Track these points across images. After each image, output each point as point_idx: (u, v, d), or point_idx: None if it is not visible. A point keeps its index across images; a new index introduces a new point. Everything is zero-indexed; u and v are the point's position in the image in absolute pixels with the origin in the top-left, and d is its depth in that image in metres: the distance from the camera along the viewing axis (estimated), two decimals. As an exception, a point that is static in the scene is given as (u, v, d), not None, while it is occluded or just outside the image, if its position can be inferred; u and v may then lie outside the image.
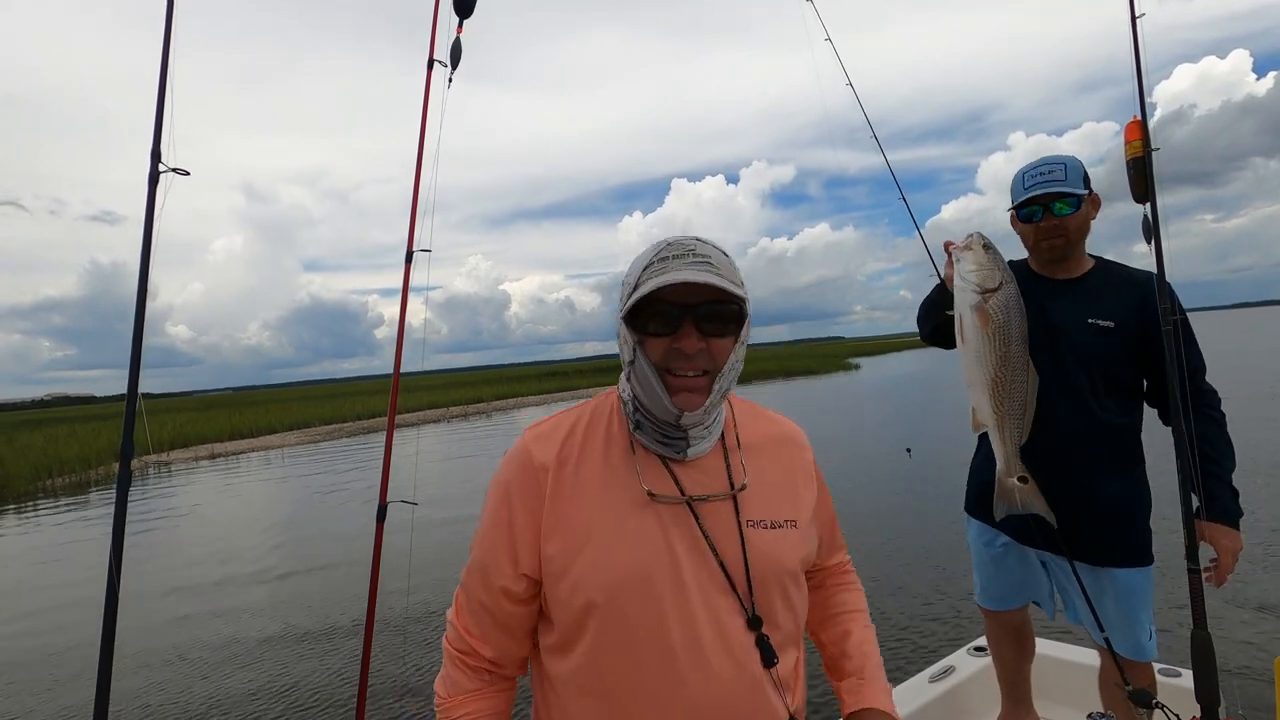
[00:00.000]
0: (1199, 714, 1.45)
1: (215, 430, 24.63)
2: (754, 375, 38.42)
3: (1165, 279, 1.69)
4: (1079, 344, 1.83)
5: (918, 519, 7.38)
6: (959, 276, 1.69)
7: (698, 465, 0.96)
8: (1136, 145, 1.72)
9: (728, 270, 0.90)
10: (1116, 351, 1.81)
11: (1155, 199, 1.70)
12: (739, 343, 0.93)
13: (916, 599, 5.14)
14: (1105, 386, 1.83)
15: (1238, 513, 1.71)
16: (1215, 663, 1.45)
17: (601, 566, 0.90)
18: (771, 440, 1.04)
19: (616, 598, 0.89)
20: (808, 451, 1.07)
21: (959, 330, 1.71)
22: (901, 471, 9.81)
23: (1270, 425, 11.52)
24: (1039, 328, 1.86)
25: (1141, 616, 1.85)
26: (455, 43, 2.01)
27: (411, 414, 29.02)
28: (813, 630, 1.14)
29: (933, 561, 5.96)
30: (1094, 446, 1.84)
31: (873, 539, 6.68)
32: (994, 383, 1.67)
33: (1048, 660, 2.35)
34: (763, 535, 0.95)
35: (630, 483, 0.94)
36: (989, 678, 2.32)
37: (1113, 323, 1.81)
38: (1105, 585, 1.86)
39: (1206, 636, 1.46)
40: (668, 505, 0.93)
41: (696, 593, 0.90)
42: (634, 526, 0.92)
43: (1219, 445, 1.78)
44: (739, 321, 0.92)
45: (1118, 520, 1.85)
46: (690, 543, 0.92)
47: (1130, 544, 1.85)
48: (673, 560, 0.90)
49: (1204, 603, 1.50)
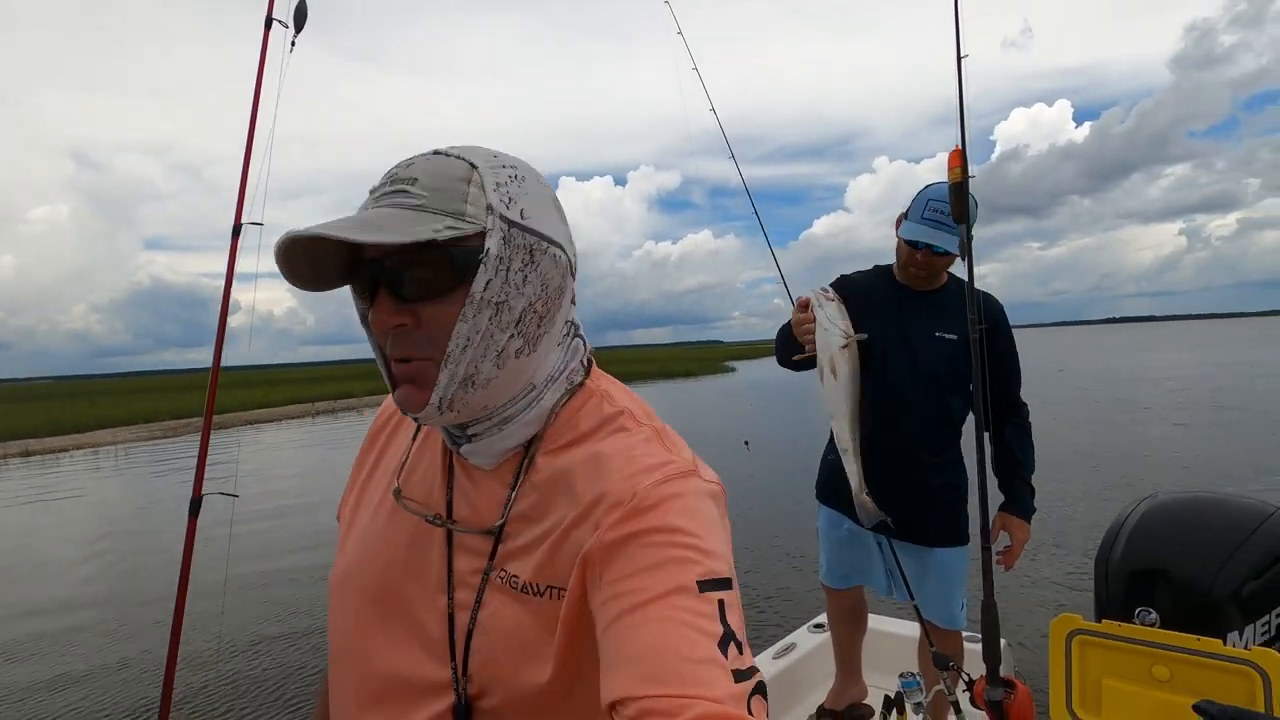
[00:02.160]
0: (984, 673, 1.66)
1: (29, 424, 21.67)
2: (636, 376, 39.03)
3: (975, 288, 1.92)
4: (926, 352, 2.06)
5: (769, 508, 7.86)
6: (826, 322, 1.85)
7: (493, 475, 0.69)
8: (957, 172, 1.92)
9: (442, 199, 0.60)
10: (957, 362, 2.02)
11: (970, 221, 1.92)
12: (479, 305, 0.61)
13: (768, 581, 5.54)
14: (944, 391, 2.06)
15: (1032, 510, 2.03)
16: (998, 629, 1.66)
17: (346, 550, 0.75)
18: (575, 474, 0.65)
19: (337, 596, 0.73)
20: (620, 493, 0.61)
21: (828, 368, 1.86)
22: (757, 462, 10.36)
23: (1060, 424, 13.21)
24: (895, 335, 2.09)
25: (956, 591, 2.13)
26: (300, 2, 1.90)
27: (274, 409, 26.99)
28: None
29: (782, 547, 6.38)
30: (933, 442, 2.09)
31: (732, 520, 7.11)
32: (854, 414, 1.86)
33: (878, 634, 2.58)
34: (507, 607, 0.64)
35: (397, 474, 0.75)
36: (827, 652, 2.53)
37: (956, 336, 2.04)
38: (929, 563, 2.12)
39: (993, 606, 1.67)
40: (422, 520, 0.70)
41: (410, 632, 0.67)
42: (375, 524, 0.74)
43: (1025, 451, 2.09)
44: (460, 273, 0.61)
45: (945, 506, 2.12)
46: (433, 575, 0.68)
47: (953, 527, 2.13)
48: (395, 584, 0.69)
49: (993, 577, 1.71)
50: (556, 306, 0.68)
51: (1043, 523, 6.82)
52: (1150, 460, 9.79)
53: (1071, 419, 14.21)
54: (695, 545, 0.57)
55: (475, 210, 0.61)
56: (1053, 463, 9.73)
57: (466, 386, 0.63)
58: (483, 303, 0.61)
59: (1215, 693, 1.53)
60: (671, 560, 0.56)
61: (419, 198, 0.60)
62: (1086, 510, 7.20)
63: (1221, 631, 1.66)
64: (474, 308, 0.61)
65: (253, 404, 27.86)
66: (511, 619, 0.63)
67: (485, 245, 0.61)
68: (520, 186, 0.65)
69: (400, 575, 0.69)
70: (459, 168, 0.62)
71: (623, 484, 0.61)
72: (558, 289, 0.67)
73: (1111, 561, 1.82)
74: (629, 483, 0.61)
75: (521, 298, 0.64)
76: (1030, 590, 5.14)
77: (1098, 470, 9.25)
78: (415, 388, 0.63)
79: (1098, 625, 1.73)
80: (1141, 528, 1.85)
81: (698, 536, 0.58)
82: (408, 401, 0.64)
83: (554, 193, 0.70)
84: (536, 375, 0.68)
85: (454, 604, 0.66)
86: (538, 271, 0.64)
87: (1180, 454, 10.16)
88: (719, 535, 0.60)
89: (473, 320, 0.61)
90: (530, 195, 0.65)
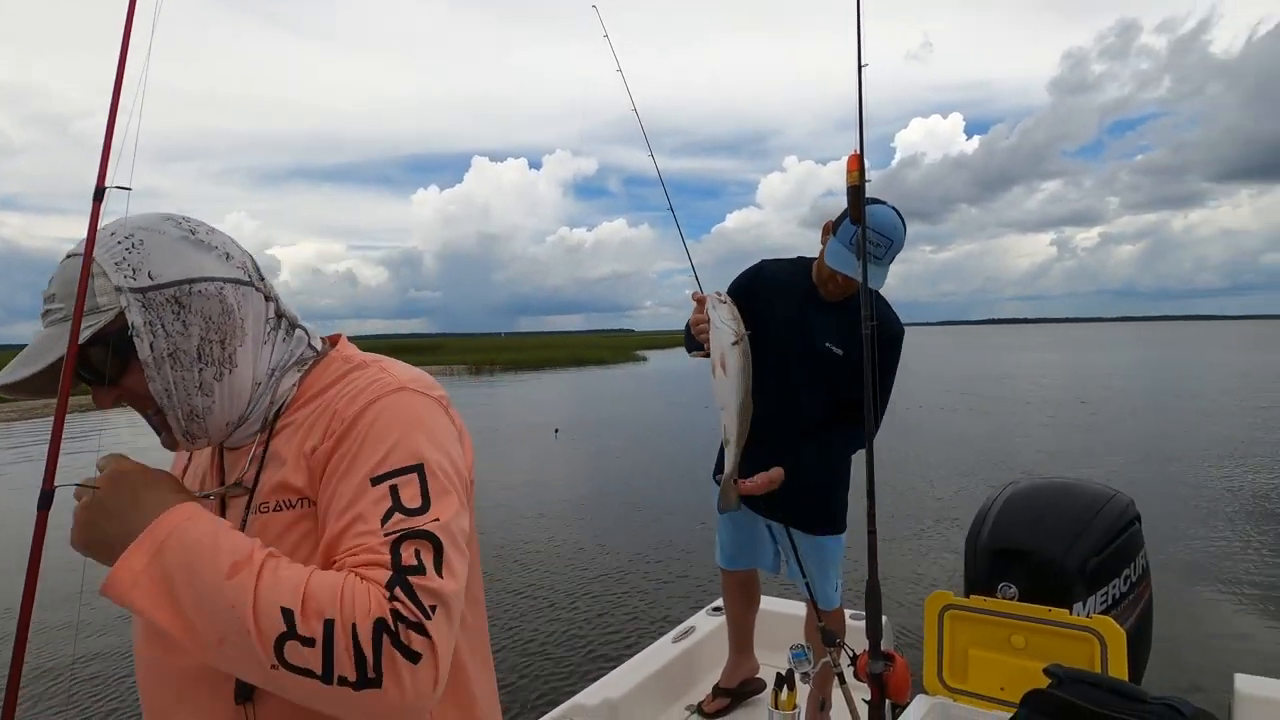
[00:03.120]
0: (867, 648, 1.77)
1: None
2: (546, 363, 38.71)
3: (869, 288, 2.02)
4: (818, 360, 2.17)
5: (671, 496, 8.04)
6: (718, 322, 1.92)
7: (245, 451, 0.80)
8: (854, 175, 2.02)
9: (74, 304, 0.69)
10: (843, 374, 2.14)
11: (865, 221, 2.02)
12: (154, 366, 0.71)
13: (668, 567, 5.67)
14: (831, 396, 2.18)
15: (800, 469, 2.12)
16: (880, 606, 1.78)
17: None
18: (319, 413, 0.77)
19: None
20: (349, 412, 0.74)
21: (719, 364, 1.93)
22: (659, 450, 10.56)
23: (945, 415, 14.22)
24: (796, 334, 2.19)
25: (831, 573, 2.27)
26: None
27: None
28: None
29: (681, 534, 6.55)
30: (820, 438, 2.20)
31: (631, 517, 7.19)
32: (742, 406, 1.94)
33: (769, 614, 2.70)
34: (261, 525, 0.74)
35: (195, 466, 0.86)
36: (724, 632, 2.62)
37: (843, 351, 2.14)
38: (810, 548, 2.25)
39: (876, 585, 1.79)
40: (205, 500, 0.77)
41: None
42: None
43: (840, 441, 2.20)
44: (126, 350, 0.72)
45: (825, 496, 2.26)
46: None
47: (828, 516, 2.27)
48: None
49: (877, 558, 1.83)
50: (232, 324, 0.76)
51: (925, 506, 7.41)
52: (1022, 448, 10.68)
53: (956, 411, 15.30)
54: (379, 445, 0.71)
55: (106, 298, 0.71)
56: (936, 450, 10.47)
57: (193, 419, 0.75)
58: (158, 362, 0.72)
59: (1063, 657, 1.71)
60: (358, 459, 0.71)
61: (58, 311, 0.72)
62: (966, 493, 7.79)
63: (1069, 602, 1.85)
64: (154, 369, 0.72)
65: None
66: (275, 538, 0.72)
67: (130, 320, 0.70)
68: (140, 252, 0.73)
69: None
70: (75, 266, 0.71)
71: (343, 406, 0.74)
72: (226, 310, 0.76)
73: (979, 542, 2.00)
74: (346, 404, 0.74)
75: (189, 339, 0.73)
76: (912, 569, 5.51)
77: (980, 456, 10.01)
78: (166, 433, 0.76)
79: (966, 600, 1.90)
80: (1004, 511, 2.04)
81: (383, 439, 0.72)
82: (167, 443, 0.78)
83: (185, 229, 0.77)
84: (257, 375, 0.79)
85: None
86: (193, 312, 0.74)
87: (1047, 443, 11.16)
88: (415, 433, 0.73)
89: (159, 377, 0.72)
90: (154, 254, 0.73)
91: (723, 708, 2.49)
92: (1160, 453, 10.15)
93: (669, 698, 2.53)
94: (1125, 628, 1.72)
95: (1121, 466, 9.17)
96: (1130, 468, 9.10)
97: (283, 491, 0.74)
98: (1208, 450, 10.21)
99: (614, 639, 4.36)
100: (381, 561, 0.64)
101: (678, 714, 2.50)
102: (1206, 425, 12.65)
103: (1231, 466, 9.09)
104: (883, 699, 1.75)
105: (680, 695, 2.57)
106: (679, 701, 2.55)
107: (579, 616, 4.73)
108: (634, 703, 2.32)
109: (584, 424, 14.79)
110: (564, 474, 9.98)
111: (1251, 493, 7.81)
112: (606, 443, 12.32)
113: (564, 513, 7.61)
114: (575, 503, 8.04)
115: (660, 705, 2.49)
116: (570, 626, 4.57)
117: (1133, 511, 2.07)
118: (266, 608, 0.60)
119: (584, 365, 38.67)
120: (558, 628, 4.54)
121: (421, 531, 0.66)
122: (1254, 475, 8.57)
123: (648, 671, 2.44)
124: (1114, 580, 1.94)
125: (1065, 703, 1.39)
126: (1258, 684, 1.99)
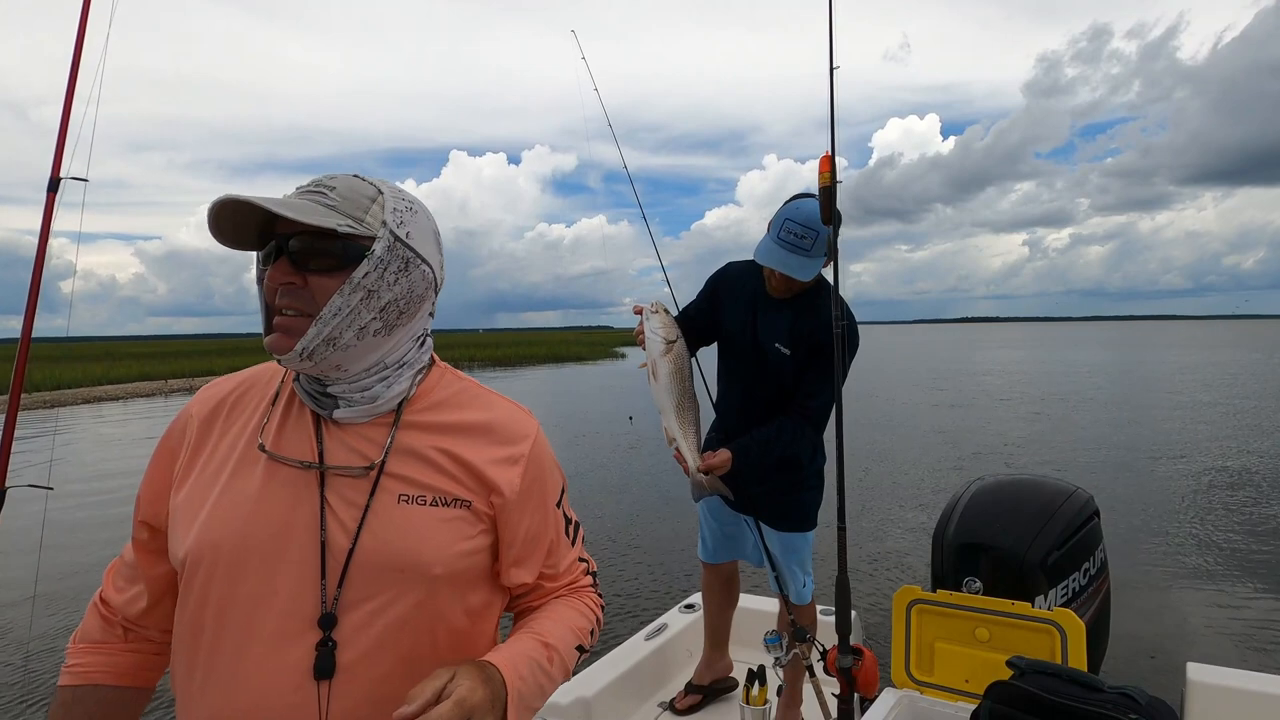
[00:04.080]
0: (837, 642, 1.80)
1: None
2: (523, 360, 38.48)
3: (839, 291, 2.04)
4: (768, 357, 2.19)
5: (646, 495, 8.07)
6: (649, 332, 1.99)
7: (355, 432, 0.86)
8: (826, 176, 2.04)
9: (350, 206, 0.81)
10: (790, 369, 2.17)
11: (837, 222, 2.04)
12: (354, 287, 0.80)
13: (641, 564, 5.68)
14: (783, 395, 2.20)
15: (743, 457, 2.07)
16: (849, 602, 1.81)
17: (203, 522, 0.82)
18: (465, 427, 0.90)
19: (201, 557, 0.81)
20: (520, 445, 0.91)
21: (651, 371, 1.99)
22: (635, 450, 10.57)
23: (919, 412, 14.46)
24: (748, 336, 2.21)
25: (797, 571, 2.30)
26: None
27: (117, 386, 24.21)
28: None
29: (656, 530, 6.57)
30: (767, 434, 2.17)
31: (604, 509, 7.21)
32: (678, 406, 1.99)
33: (744, 611, 2.72)
34: (403, 513, 0.83)
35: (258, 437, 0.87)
36: (696, 630, 2.64)
37: (789, 351, 2.16)
38: (780, 544, 2.29)
39: (845, 581, 1.82)
40: (292, 469, 0.83)
41: (283, 569, 0.80)
42: (238, 484, 0.84)
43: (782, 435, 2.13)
44: (348, 260, 0.81)
45: (785, 495, 2.28)
46: (303, 516, 0.82)
47: (795, 514, 2.30)
48: (269, 530, 0.81)
49: (846, 554, 1.86)
50: (417, 309, 0.88)
51: (897, 500, 7.53)
52: (992, 444, 10.89)
53: (925, 406, 15.55)
54: (554, 473, 0.98)
55: (373, 221, 0.82)
56: (906, 446, 10.63)
57: (327, 345, 0.81)
58: (358, 287, 0.81)
59: (1026, 649, 1.75)
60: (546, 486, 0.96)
61: (333, 200, 0.81)
62: (936, 489, 7.93)
63: (1031, 595, 1.90)
64: (350, 288, 0.80)
65: (89, 380, 24.87)
66: (421, 525, 0.83)
67: (373, 247, 0.81)
68: (412, 216, 0.86)
69: (271, 523, 0.82)
70: (369, 189, 0.84)
71: (509, 419, 0.93)
72: (420, 296, 0.88)
73: (945, 537, 2.03)
74: (517, 421, 0.94)
75: (390, 292, 0.84)
76: (881, 564, 5.59)
77: (948, 452, 10.19)
78: (286, 336, 0.81)
79: (933, 595, 1.93)
80: (970, 507, 2.08)
81: (554, 469, 0.98)
82: (277, 345, 0.81)
83: (437, 228, 0.91)
84: (388, 357, 0.87)
85: (326, 534, 0.81)
86: (408, 278, 0.85)
87: (1014, 438, 11.40)
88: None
89: (347, 296, 0.80)
90: (418, 225, 0.87)
91: (695, 704, 2.51)
92: (1118, 449, 10.44)
93: (642, 695, 2.55)
94: (1085, 620, 1.77)
95: (1082, 462, 9.41)
96: (1090, 463, 9.35)
97: (433, 490, 0.85)
98: (1164, 447, 10.53)
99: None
100: (584, 571, 1.03)
101: (650, 711, 2.51)
102: (1163, 422, 13.03)
103: (1185, 463, 9.38)
104: (851, 693, 1.78)
105: (653, 693, 2.59)
106: (651, 699, 2.56)
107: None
108: (607, 701, 2.32)
109: (559, 419, 14.75)
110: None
111: (1204, 486, 8.07)
112: (579, 439, 12.30)
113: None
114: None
115: (633, 703, 2.50)
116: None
117: (1092, 507, 2.13)
118: (569, 664, 0.92)
119: (562, 362, 38.52)
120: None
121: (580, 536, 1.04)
122: (1206, 471, 8.84)
123: (620, 669, 2.45)
124: (1074, 574, 2.00)
125: (1027, 694, 1.43)
126: (1209, 672, 2.07)
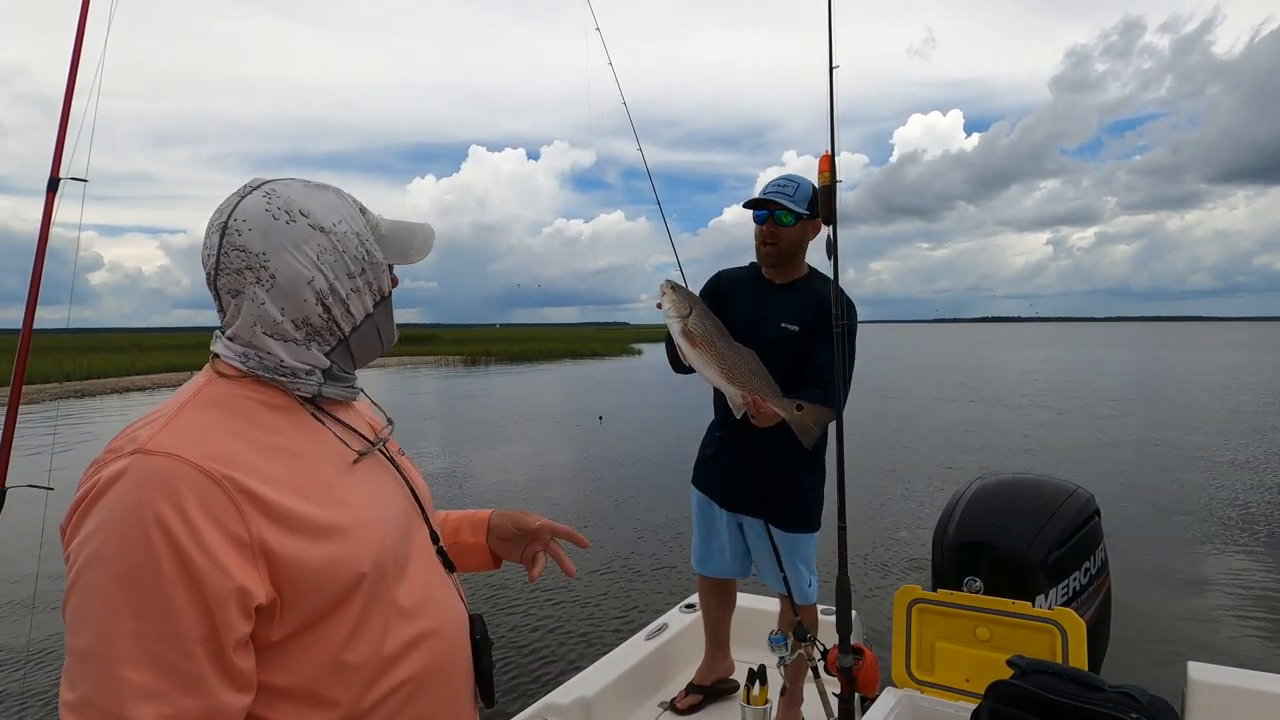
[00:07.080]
0: (838, 641, 1.80)
1: None
2: (542, 355, 38.43)
3: (840, 289, 2.05)
4: (773, 338, 2.19)
5: (645, 490, 8.07)
6: (664, 315, 2.01)
7: (356, 409, 0.96)
8: (826, 175, 2.04)
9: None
10: (795, 349, 2.18)
11: (836, 222, 2.05)
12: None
13: (641, 563, 5.67)
14: (789, 379, 2.16)
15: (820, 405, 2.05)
16: (850, 601, 1.81)
17: (362, 536, 0.82)
18: None
19: (384, 565, 0.84)
20: None
21: (680, 352, 2.02)
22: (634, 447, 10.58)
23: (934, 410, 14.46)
24: (752, 325, 2.20)
25: (803, 570, 2.29)
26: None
27: (144, 377, 24.13)
28: None
29: (655, 527, 6.55)
30: (783, 430, 2.14)
31: (603, 513, 7.20)
32: (723, 370, 1.99)
33: (745, 611, 2.72)
34: (405, 460, 1.00)
35: (337, 447, 0.87)
36: (696, 630, 2.64)
37: (797, 327, 2.19)
38: (784, 544, 2.27)
39: (846, 581, 1.82)
40: (370, 455, 0.92)
41: (416, 526, 0.95)
42: (358, 493, 0.86)
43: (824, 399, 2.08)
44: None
45: (791, 494, 2.27)
46: (398, 482, 0.95)
47: (799, 514, 2.28)
48: (402, 504, 0.94)
49: (847, 554, 1.85)
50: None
51: (901, 500, 7.52)
52: (997, 444, 10.88)
53: (939, 403, 15.55)
54: None
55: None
56: (910, 445, 10.63)
57: None
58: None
59: (1026, 648, 1.75)
60: None
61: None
62: (937, 488, 7.92)
63: (1032, 595, 1.90)
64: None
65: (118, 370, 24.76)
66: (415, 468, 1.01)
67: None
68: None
69: (397, 491, 0.94)
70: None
71: None
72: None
73: (946, 536, 2.03)
74: None
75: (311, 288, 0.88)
76: (882, 563, 5.59)
77: (952, 451, 10.18)
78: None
79: (933, 594, 1.93)
80: (970, 507, 2.08)
81: None
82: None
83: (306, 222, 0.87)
84: None
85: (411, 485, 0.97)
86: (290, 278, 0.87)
87: (1021, 438, 11.39)
88: None
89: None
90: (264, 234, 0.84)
91: (695, 704, 2.51)
92: (1126, 448, 10.44)
93: (642, 695, 2.54)
94: (1085, 619, 1.77)
95: (1085, 462, 9.41)
96: (1093, 463, 9.35)
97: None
98: (1170, 449, 10.52)
99: (586, 637, 4.36)
100: None
101: (651, 711, 2.51)
102: (1174, 425, 13.00)
103: (1191, 465, 9.37)
104: (852, 692, 1.78)
105: (653, 693, 2.58)
106: (652, 699, 2.56)
107: (551, 614, 4.72)
108: (607, 701, 2.32)
109: (575, 415, 14.75)
110: (544, 468, 9.92)
111: (1209, 488, 8.07)
112: (587, 436, 12.30)
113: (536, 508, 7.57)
114: (548, 499, 8.00)
115: (633, 703, 2.50)
116: (542, 625, 4.55)
117: (1093, 506, 2.13)
118: None
119: (579, 358, 38.43)
120: (529, 625, 4.53)
121: None
122: (1213, 472, 8.84)
123: (621, 669, 2.45)
124: (1075, 573, 2.00)
125: (1027, 693, 1.43)
126: (1210, 671, 2.07)
